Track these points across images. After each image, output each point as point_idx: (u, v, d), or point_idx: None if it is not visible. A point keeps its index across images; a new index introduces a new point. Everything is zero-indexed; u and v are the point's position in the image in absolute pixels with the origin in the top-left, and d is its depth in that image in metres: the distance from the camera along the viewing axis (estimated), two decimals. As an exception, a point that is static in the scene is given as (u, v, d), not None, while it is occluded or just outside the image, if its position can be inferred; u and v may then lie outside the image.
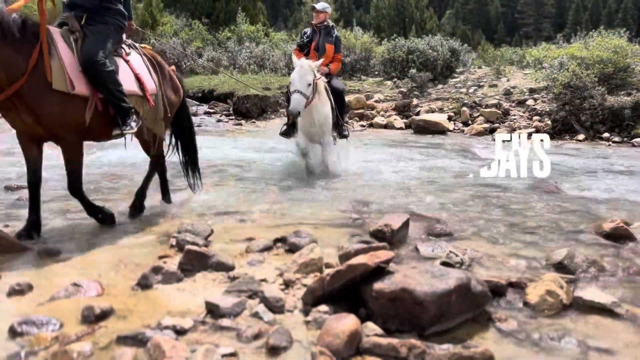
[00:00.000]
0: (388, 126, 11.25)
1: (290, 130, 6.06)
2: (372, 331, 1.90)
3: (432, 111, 11.54)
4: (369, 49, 15.76)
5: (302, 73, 5.08)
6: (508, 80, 12.78)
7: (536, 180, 5.11)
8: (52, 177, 5.06)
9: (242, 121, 12.02)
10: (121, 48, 3.60)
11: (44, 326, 1.92)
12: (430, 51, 13.65)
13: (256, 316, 2.04)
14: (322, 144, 5.66)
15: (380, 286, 2.04)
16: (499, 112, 10.85)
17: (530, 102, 11.08)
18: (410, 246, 3.12)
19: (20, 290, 2.28)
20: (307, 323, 2.01)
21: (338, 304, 2.11)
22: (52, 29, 3.15)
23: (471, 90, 12.35)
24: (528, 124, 10.22)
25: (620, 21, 52.53)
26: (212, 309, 2.05)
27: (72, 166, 3.27)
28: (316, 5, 6.22)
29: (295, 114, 5.07)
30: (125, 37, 3.70)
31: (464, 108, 11.33)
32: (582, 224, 3.68)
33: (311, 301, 2.13)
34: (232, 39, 18.39)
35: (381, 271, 2.13)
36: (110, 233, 3.35)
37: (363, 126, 11.37)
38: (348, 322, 1.83)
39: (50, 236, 3.22)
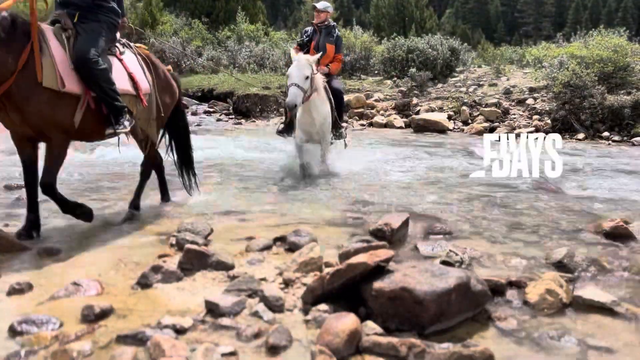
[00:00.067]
0: (388, 125, 11.25)
1: (287, 128, 5.98)
2: (372, 330, 1.90)
3: (432, 110, 11.54)
4: (369, 48, 15.77)
5: (300, 66, 5.03)
6: (508, 79, 12.78)
7: (536, 179, 5.10)
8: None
9: (242, 120, 12.03)
10: (115, 47, 3.55)
11: (44, 325, 1.92)
12: (430, 50, 13.66)
13: (256, 315, 2.04)
14: (321, 144, 5.64)
15: (380, 285, 2.04)
16: (499, 111, 10.85)
17: (530, 101, 11.08)
18: (410, 245, 3.12)
19: (20, 289, 2.28)
20: (307, 322, 2.01)
21: (338, 303, 2.11)
22: (45, 27, 3.10)
23: (471, 89, 12.36)
24: (528, 123, 10.23)
25: (620, 20, 52.50)
26: (212, 308, 2.05)
27: (52, 164, 3.16)
28: (317, 4, 6.12)
29: (291, 107, 4.96)
30: (119, 36, 3.66)
31: (464, 107, 11.33)
32: (582, 223, 3.68)
33: (311, 300, 2.13)
34: (232, 38, 18.40)
35: (381, 270, 2.13)
36: (110, 232, 3.34)
37: (363, 125, 11.37)
38: (348, 321, 1.83)
39: (50, 235, 3.21)
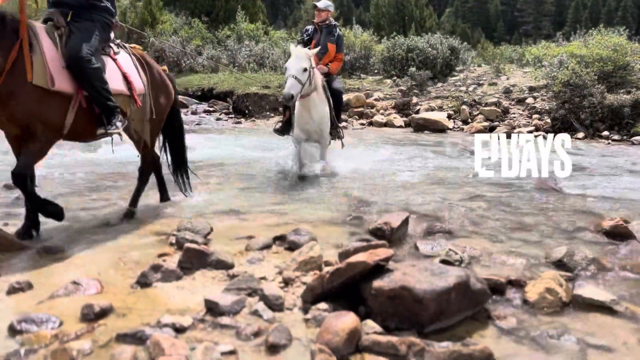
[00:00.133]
0: (388, 124, 11.26)
1: (285, 127, 5.93)
2: (372, 329, 1.90)
3: (432, 109, 11.54)
4: (369, 47, 15.79)
5: (298, 59, 4.99)
6: (508, 78, 12.78)
7: (536, 178, 5.10)
8: (50, 176, 5.08)
9: (242, 119, 12.04)
10: (109, 47, 3.51)
11: (44, 324, 1.92)
12: (429, 49, 13.66)
13: (256, 314, 2.04)
14: (320, 142, 5.62)
15: (379, 284, 2.04)
16: (499, 111, 10.85)
17: (529, 101, 11.09)
18: (409, 244, 3.12)
19: (20, 288, 2.29)
20: (307, 321, 2.01)
21: (337, 302, 2.11)
22: (36, 24, 3.06)
23: (471, 88, 12.36)
24: (528, 122, 10.23)
25: (619, 19, 52.52)
26: (212, 307, 2.05)
27: (30, 157, 3.04)
28: (317, 3, 6.04)
29: (288, 98, 4.86)
30: (113, 36, 3.60)
31: (464, 106, 11.34)
32: (582, 222, 3.68)
33: (310, 299, 2.13)
34: (232, 38, 18.40)
35: (380, 269, 2.13)
36: (109, 231, 3.34)
37: (363, 124, 11.37)
38: (347, 320, 1.83)
39: (49, 235, 3.21)
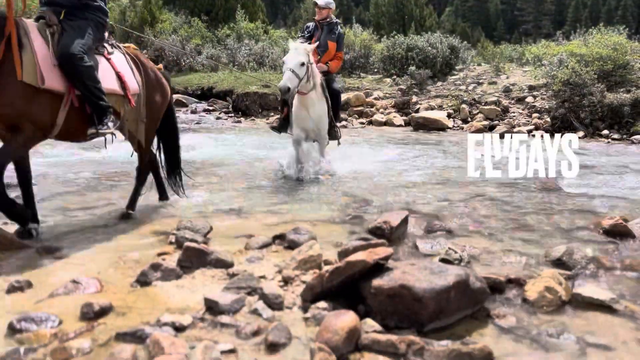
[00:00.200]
0: (387, 123, 11.25)
1: (283, 124, 5.90)
2: (371, 327, 1.90)
3: (432, 108, 11.53)
4: (369, 46, 15.78)
5: (295, 53, 4.97)
6: (507, 77, 12.78)
7: (535, 177, 5.10)
8: (53, 174, 5.07)
9: (242, 118, 12.03)
10: (103, 46, 3.46)
11: (43, 323, 1.92)
12: (429, 48, 13.65)
13: (255, 313, 2.04)
14: (318, 141, 5.61)
15: (379, 283, 2.04)
16: (499, 110, 10.85)
17: (529, 100, 11.08)
18: (409, 243, 3.13)
19: (19, 287, 2.29)
20: (306, 320, 2.01)
21: (337, 301, 2.11)
22: (28, 22, 3.02)
23: (470, 87, 12.35)
24: (527, 121, 10.22)
25: (619, 18, 52.52)
26: (211, 306, 2.05)
27: (8, 149, 2.97)
28: (318, 1, 5.94)
29: (284, 90, 4.79)
30: (107, 36, 3.55)
31: (464, 105, 11.33)
32: (581, 221, 3.68)
33: (310, 298, 2.13)
34: (232, 37, 18.38)
35: (380, 268, 2.13)
36: (109, 230, 3.34)
37: (362, 123, 11.36)
38: (347, 319, 1.83)
39: (49, 234, 3.21)
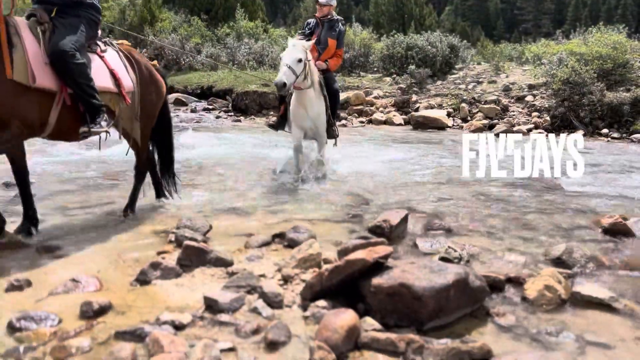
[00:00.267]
0: (387, 122, 11.25)
1: (280, 122, 5.88)
2: (371, 326, 1.90)
3: (431, 107, 11.53)
4: (368, 45, 15.77)
5: (293, 49, 4.92)
6: (507, 76, 12.77)
7: (541, 177, 5.09)
8: (54, 173, 5.07)
9: (241, 117, 12.02)
10: (96, 44, 3.41)
11: (43, 322, 1.92)
12: (429, 47, 13.65)
13: (255, 311, 2.05)
14: (317, 140, 5.60)
15: (378, 281, 2.04)
16: (498, 108, 10.84)
17: (529, 98, 11.07)
18: (409, 242, 3.13)
19: (19, 286, 2.29)
20: (306, 318, 2.01)
21: (336, 299, 2.11)
22: (18, 20, 2.97)
23: (470, 86, 12.35)
24: (527, 120, 10.22)
25: (619, 17, 52.47)
26: (211, 304, 2.06)
27: None
28: None
29: (280, 86, 4.72)
30: (100, 34, 3.50)
31: (463, 104, 11.33)
32: (581, 220, 3.68)
33: (310, 296, 2.13)
34: (231, 35, 18.38)
35: (380, 266, 2.13)
36: (108, 229, 3.34)
37: (362, 122, 11.36)
38: (346, 317, 1.83)
39: (49, 232, 3.21)
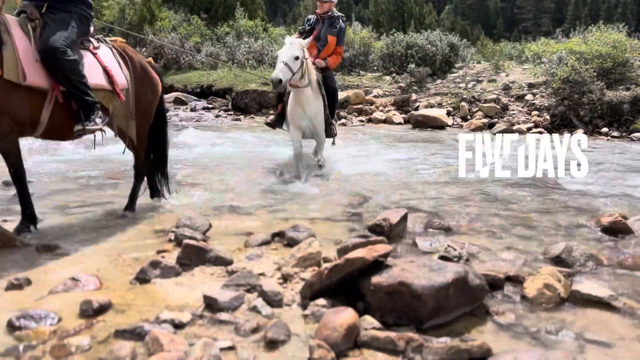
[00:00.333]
0: (387, 121, 11.25)
1: (278, 120, 5.87)
2: (370, 324, 1.90)
3: (431, 106, 11.53)
4: (368, 44, 15.77)
5: (290, 47, 4.92)
6: (507, 75, 12.77)
7: (539, 176, 5.09)
8: (56, 172, 5.08)
9: (241, 116, 12.02)
10: (88, 41, 3.35)
11: (42, 320, 1.92)
12: (429, 46, 13.65)
13: (254, 310, 2.05)
14: (315, 139, 5.59)
15: (378, 280, 2.04)
16: (498, 107, 10.84)
17: (529, 97, 11.07)
18: (408, 240, 3.13)
19: (18, 284, 2.28)
20: (305, 317, 2.01)
21: (336, 298, 2.11)
22: (8, 17, 2.94)
23: (470, 85, 12.35)
24: (527, 119, 10.22)
25: (619, 16, 52.46)
26: (211, 303, 2.06)
27: None
28: None
29: (276, 82, 4.70)
30: (93, 30, 3.45)
31: (463, 103, 11.32)
32: (581, 218, 3.68)
33: (309, 295, 2.13)
34: (231, 34, 18.39)
35: (379, 265, 2.13)
36: (108, 228, 3.34)
37: (362, 121, 11.36)
38: (346, 316, 1.83)
39: (48, 231, 3.21)
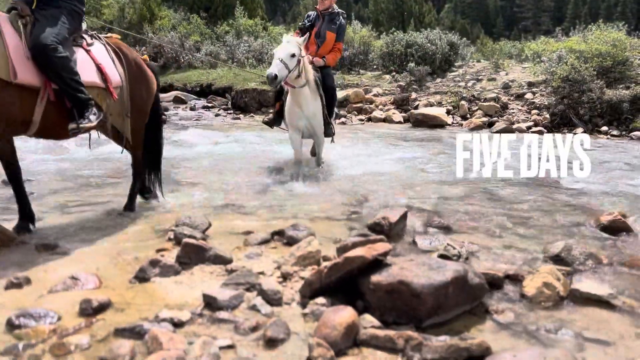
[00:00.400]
0: (387, 120, 11.24)
1: (276, 119, 5.86)
2: (369, 323, 1.90)
3: (431, 105, 11.52)
4: (368, 43, 15.75)
5: (287, 45, 4.90)
6: (507, 74, 12.76)
7: (542, 176, 5.09)
8: (56, 171, 5.07)
9: (241, 115, 12.02)
10: (81, 38, 3.30)
11: (42, 319, 1.92)
12: (428, 45, 13.63)
13: (254, 309, 2.05)
14: (314, 139, 5.58)
15: (377, 278, 2.04)
16: (498, 106, 10.84)
17: (528, 96, 11.07)
18: (408, 239, 3.13)
19: (18, 283, 2.29)
20: (305, 315, 2.01)
21: (335, 297, 2.11)
22: None
23: (470, 84, 12.34)
24: (526, 118, 10.21)
25: (619, 15, 52.42)
26: (210, 302, 2.06)
27: None
28: None
29: (271, 78, 4.66)
30: (85, 26, 3.39)
31: (463, 102, 11.32)
32: (580, 217, 3.69)
33: (309, 294, 2.13)
34: (231, 33, 18.36)
35: (378, 264, 2.14)
36: (108, 227, 3.34)
37: (362, 120, 11.35)
38: (345, 314, 1.83)
39: (48, 230, 3.21)
